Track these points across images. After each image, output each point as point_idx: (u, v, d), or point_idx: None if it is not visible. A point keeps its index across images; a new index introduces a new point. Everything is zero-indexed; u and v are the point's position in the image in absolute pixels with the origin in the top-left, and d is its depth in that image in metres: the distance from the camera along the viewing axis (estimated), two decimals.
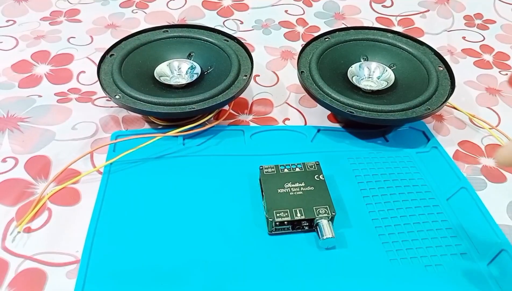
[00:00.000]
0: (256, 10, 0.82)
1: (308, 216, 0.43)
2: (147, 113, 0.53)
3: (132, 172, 0.50)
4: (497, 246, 0.43)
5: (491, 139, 0.57)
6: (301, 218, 0.42)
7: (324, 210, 0.43)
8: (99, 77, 0.55)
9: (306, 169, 0.47)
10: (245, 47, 0.60)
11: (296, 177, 0.46)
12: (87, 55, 0.69)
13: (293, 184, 0.46)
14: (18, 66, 0.66)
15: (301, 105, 0.62)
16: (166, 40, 0.61)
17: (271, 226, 0.43)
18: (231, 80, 0.55)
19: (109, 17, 0.78)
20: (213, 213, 0.46)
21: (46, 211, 0.46)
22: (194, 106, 0.52)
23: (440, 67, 0.58)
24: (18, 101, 0.59)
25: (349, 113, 0.51)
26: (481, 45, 0.75)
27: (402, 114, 0.52)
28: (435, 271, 0.41)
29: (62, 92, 0.62)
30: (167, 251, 0.42)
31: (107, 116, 0.58)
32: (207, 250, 0.42)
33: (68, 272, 0.41)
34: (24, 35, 0.72)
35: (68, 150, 0.53)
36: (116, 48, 0.59)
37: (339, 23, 0.80)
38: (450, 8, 0.84)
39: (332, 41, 0.62)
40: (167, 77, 0.58)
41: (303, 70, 0.57)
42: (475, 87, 0.66)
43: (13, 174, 0.50)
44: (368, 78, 0.60)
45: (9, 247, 0.43)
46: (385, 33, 0.63)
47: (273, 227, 0.43)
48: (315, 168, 0.48)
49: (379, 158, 0.53)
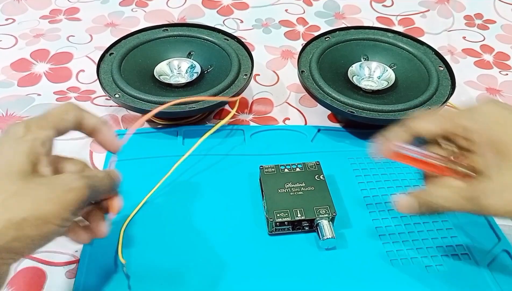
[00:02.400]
0: (256, 9, 0.82)
1: (308, 216, 0.42)
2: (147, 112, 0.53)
3: (132, 171, 0.49)
4: (497, 246, 0.43)
5: None
6: (301, 218, 0.42)
7: (324, 210, 0.43)
8: (98, 76, 0.55)
9: (307, 168, 0.47)
10: (245, 46, 0.60)
11: (296, 177, 0.46)
12: (87, 54, 0.68)
13: (294, 184, 0.45)
14: (17, 65, 0.66)
15: (301, 105, 0.62)
16: (166, 39, 0.61)
17: (271, 226, 0.43)
18: (231, 79, 0.55)
19: (109, 15, 0.78)
20: (213, 212, 0.46)
21: None
22: (194, 105, 0.51)
23: (441, 67, 0.58)
24: (17, 100, 0.59)
25: (349, 113, 0.51)
26: (481, 45, 0.75)
27: (402, 114, 0.51)
28: (435, 272, 0.41)
29: (61, 91, 0.61)
30: (167, 251, 0.42)
31: (106, 115, 0.58)
32: (207, 250, 0.42)
33: (67, 272, 0.41)
34: (23, 33, 0.72)
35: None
36: (115, 47, 0.59)
37: (339, 22, 0.79)
38: (450, 8, 0.84)
39: (333, 40, 0.62)
40: (167, 76, 0.58)
41: (303, 70, 0.57)
42: (475, 87, 0.66)
43: None
44: (369, 78, 0.60)
45: None
46: (386, 32, 0.63)
47: (273, 227, 0.43)
48: (315, 168, 0.47)
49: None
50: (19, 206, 0.28)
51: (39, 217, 0.28)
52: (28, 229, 0.28)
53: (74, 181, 0.30)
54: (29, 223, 0.28)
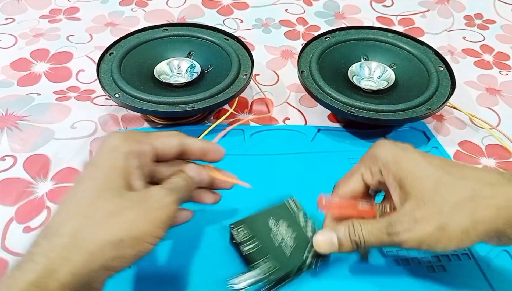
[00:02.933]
0: (256, 9, 0.82)
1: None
2: (147, 112, 0.53)
3: None
4: (497, 246, 0.43)
5: (491, 140, 0.57)
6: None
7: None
8: (98, 75, 0.55)
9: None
10: (245, 46, 0.60)
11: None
12: (87, 54, 0.68)
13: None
14: (17, 64, 0.66)
15: (301, 105, 0.61)
16: (165, 39, 0.61)
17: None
18: (231, 79, 0.55)
19: (109, 15, 0.78)
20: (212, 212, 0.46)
21: (46, 210, 0.46)
22: (194, 105, 0.51)
23: (441, 67, 0.58)
24: (17, 99, 0.59)
25: (349, 113, 0.51)
26: (481, 45, 0.75)
27: (402, 114, 0.51)
28: (436, 272, 0.41)
29: (61, 90, 0.61)
30: (165, 252, 0.42)
31: (106, 115, 0.57)
32: (206, 249, 0.42)
33: None
34: (23, 33, 0.72)
35: (67, 148, 0.52)
36: (115, 47, 0.59)
37: (339, 22, 0.79)
38: (450, 8, 0.84)
39: (333, 40, 0.62)
40: (166, 76, 0.58)
41: (303, 70, 0.57)
42: (475, 87, 0.66)
43: (12, 173, 0.49)
44: (369, 78, 0.60)
45: (8, 246, 0.42)
46: (386, 32, 0.63)
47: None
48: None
49: None
50: (116, 227, 0.29)
51: (135, 237, 0.30)
52: (125, 249, 0.29)
53: (163, 198, 0.32)
54: (126, 243, 0.29)
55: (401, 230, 0.34)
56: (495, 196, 0.32)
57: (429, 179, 0.34)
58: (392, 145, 0.36)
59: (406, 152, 0.36)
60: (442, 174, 0.34)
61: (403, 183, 0.34)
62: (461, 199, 0.32)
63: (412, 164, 0.35)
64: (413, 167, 0.34)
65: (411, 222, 0.33)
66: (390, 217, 0.35)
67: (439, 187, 0.33)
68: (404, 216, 0.34)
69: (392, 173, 0.35)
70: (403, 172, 0.35)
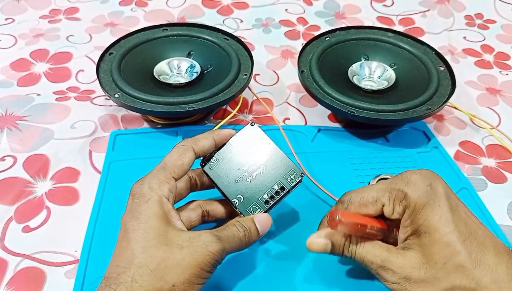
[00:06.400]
0: (256, 9, 0.82)
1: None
2: (147, 112, 0.53)
3: (131, 171, 0.49)
4: None
5: (491, 140, 0.57)
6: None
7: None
8: (98, 76, 0.55)
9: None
10: (245, 46, 0.60)
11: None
12: (86, 54, 0.68)
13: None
14: (16, 65, 0.66)
15: (301, 105, 0.61)
16: (165, 39, 0.61)
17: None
18: (231, 79, 0.54)
19: (108, 15, 0.78)
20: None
21: (45, 210, 0.46)
22: (194, 105, 0.51)
23: (441, 67, 0.58)
24: (16, 99, 0.59)
25: (349, 113, 0.51)
26: (481, 45, 0.75)
27: (403, 114, 0.51)
28: None
29: (61, 90, 0.61)
30: None
31: (106, 115, 0.57)
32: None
33: (67, 272, 0.41)
34: (23, 33, 0.72)
35: (67, 148, 0.52)
36: (115, 47, 0.59)
37: (339, 22, 0.79)
38: (451, 8, 0.84)
39: (333, 40, 0.62)
40: (166, 76, 0.58)
41: (303, 70, 0.57)
42: (475, 87, 0.66)
43: (11, 172, 0.49)
44: (369, 77, 0.60)
45: (8, 246, 0.42)
46: (386, 32, 0.63)
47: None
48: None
49: (379, 158, 0.53)
50: (168, 273, 0.31)
51: (185, 281, 0.31)
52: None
53: (211, 245, 0.33)
54: (177, 288, 0.31)
55: (389, 279, 0.34)
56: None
57: (448, 248, 0.32)
58: (425, 187, 0.34)
59: (438, 201, 0.33)
60: (461, 249, 0.32)
61: (420, 233, 0.33)
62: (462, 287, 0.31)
63: (438, 220, 0.33)
64: (438, 223, 0.33)
65: (402, 279, 0.33)
66: (388, 256, 0.34)
67: (449, 264, 0.32)
68: (402, 267, 0.33)
69: (415, 220, 0.34)
70: (425, 226, 0.33)
